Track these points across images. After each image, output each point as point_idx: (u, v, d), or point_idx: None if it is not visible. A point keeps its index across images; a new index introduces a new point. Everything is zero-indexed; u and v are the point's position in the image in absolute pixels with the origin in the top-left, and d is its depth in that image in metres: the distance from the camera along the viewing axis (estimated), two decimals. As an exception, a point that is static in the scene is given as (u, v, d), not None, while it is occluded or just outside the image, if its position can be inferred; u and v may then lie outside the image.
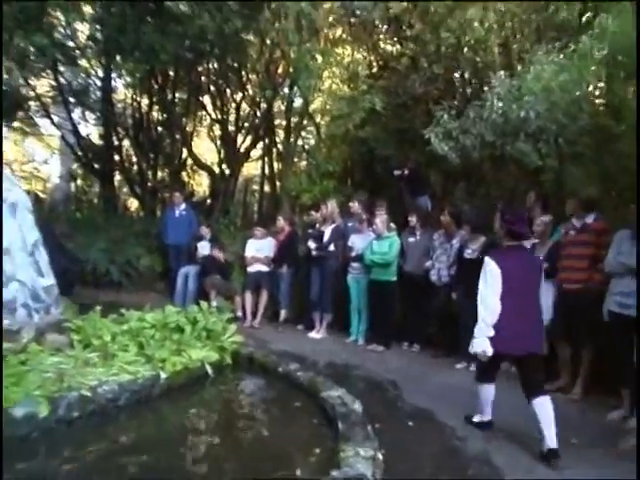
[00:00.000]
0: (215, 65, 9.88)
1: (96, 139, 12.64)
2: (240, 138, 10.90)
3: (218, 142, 11.45)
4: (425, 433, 3.26)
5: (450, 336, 5.13)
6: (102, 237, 7.88)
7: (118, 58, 9.43)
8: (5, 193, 4.97)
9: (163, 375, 3.66)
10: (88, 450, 2.77)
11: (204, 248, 7.23)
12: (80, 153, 11.73)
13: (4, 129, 18.01)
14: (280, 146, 10.31)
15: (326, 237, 6.12)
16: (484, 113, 5.38)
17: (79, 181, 12.83)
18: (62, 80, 11.38)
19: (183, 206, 7.80)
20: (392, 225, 5.77)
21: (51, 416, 2.91)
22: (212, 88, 10.63)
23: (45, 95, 11.74)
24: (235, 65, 9.70)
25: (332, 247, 6.08)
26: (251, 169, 13.95)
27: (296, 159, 10.97)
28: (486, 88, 6.09)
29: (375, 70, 9.13)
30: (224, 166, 11.00)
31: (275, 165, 10.59)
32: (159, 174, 11.26)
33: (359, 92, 7.90)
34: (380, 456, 2.61)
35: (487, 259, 3.13)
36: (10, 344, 3.55)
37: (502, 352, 3.09)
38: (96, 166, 12.00)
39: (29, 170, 20.46)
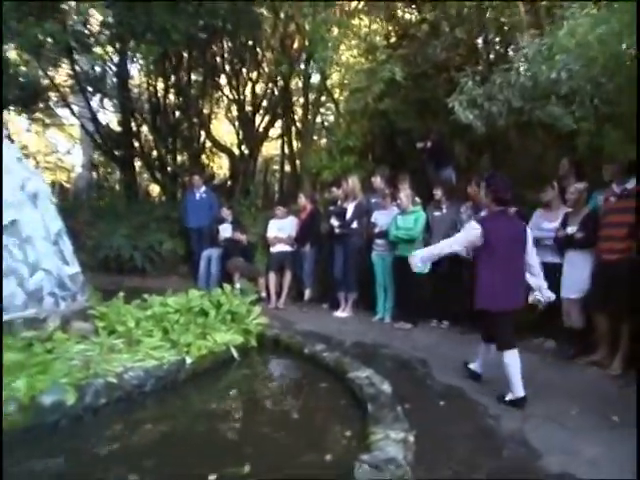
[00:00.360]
0: (229, 44, 9.71)
1: (115, 126, 12.68)
2: (258, 118, 10.80)
3: (236, 123, 11.33)
4: (457, 412, 3.17)
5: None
6: (124, 224, 7.96)
7: (131, 43, 9.40)
8: (26, 183, 5.02)
9: (188, 360, 3.64)
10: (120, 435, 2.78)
11: (226, 230, 7.20)
12: (100, 141, 11.81)
13: (26, 121, 18.37)
14: (299, 124, 10.15)
15: (349, 214, 6.00)
16: (511, 77, 5.10)
17: (100, 169, 12.85)
18: (78, 69, 11.40)
19: (203, 189, 7.77)
20: (417, 199, 5.60)
21: (78, 403, 2.92)
22: (227, 68, 10.47)
23: (63, 85, 11.81)
24: (250, 42, 9.52)
25: (355, 224, 5.96)
26: (271, 149, 13.87)
27: (316, 136, 10.82)
28: (512, 51, 5.78)
29: (394, 40, 8.81)
30: (243, 147, 10.94)
31: (295, 143, 10.45)
32: (179, 158, 11.26)
33: (377, 63, 7.64)
34: (411, 438, 2.53)
35: (472, 221, 3.55)
36: (36, 332, 3.59)
37: (484, 308, 3.38)
38: (116, 153, 12.09)
39: (53, 161, 20.97)
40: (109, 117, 13.45)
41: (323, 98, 10.23)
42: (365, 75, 7.77)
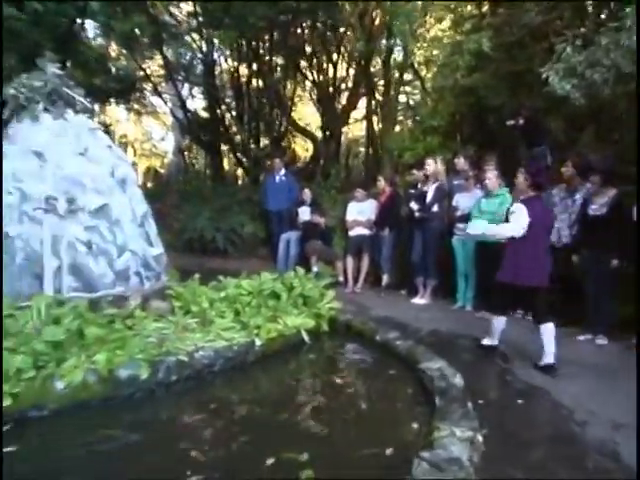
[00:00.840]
0: (309, 24, 9.66)
1: (203, 112, 13.26)
2: (340, 99, 10.70)
3: (319, 105, 11.32)
4: (536, 414, 2.92)
5: (571, 304, 4.54)
6: (208, 206, 8.26)
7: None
8: (115, 170, 5.38)
9: (258, 342, 3.71)
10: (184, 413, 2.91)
11: (305, 213, 7.23)
12: (188, 127, 12.42)
13: (125, 112, 19.86)
14: (381, 104, 9.89)
15: (429, 197, 5.74)
16: (621, 38, 4.50)
17: (187, 154, 13.55)
18: (169, 58, 12.02)
19: (283, 172, 7.86)
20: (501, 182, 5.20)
21: (151, 378, 3.09)
22: (308, 49, 10.44)
23: (155, 75, 12.56)
24: (329, 22, 9.39)
25: (436, 207, 5.70)
26: (357, 130, 13.75)
27: (399, 117, 10.51)
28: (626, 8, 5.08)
29: (485, 8, 8.20)
30: (325, 129, 10.90)
31: (377, 124, 10.22)
32: (262, 142, 11.51)
33: (464, 33, 7.17)
34: (479, 438, 2.37)
35: (519, 205, 3.79)
36: (119, 310, 3.84)
37: (511, 282, 3.80)
38: (203, 138, 12.65)
39: (148, 148, 22.53)
40: (197, 104, 14.18)
41: (407, 76, 9.88)
42: (452, 48, 7.34)
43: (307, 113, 13.98)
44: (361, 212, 6.72)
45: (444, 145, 7.35)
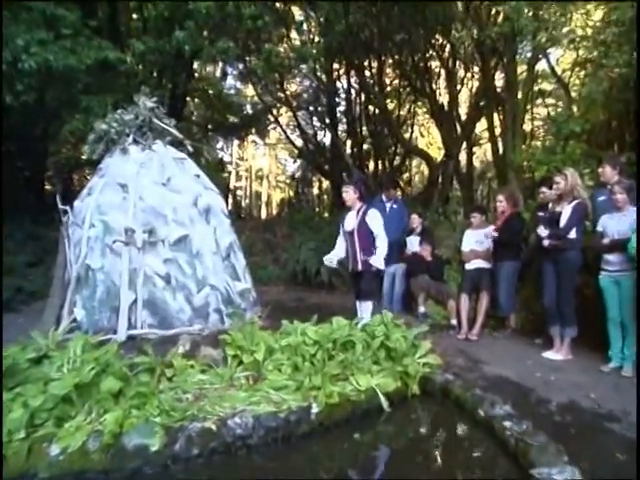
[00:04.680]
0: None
1: (324, 140, 13.13)
2: (460, 116, 9.57)
3: (437, 125, 10.32)
4: None
5: None
6: (314, 236, 7.73)
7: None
8: (198, 199, 5.10)
9: (315, 408, 2.90)
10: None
11: (413, 244, 6.26)
12: (310, 156, 12.31)
13: (261, 147, 20.92)
14: (507, 118, 8.53)
15: (563, 220, 4.38)
16: None
17: (300, 183, 13.52)
18: (290, 89, 12.12)
19: (393, 200, 6.99)
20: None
21: (165, 450, 2.46)
22: (421, 65, 9.56)
23: (277, 106, 12.74)
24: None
25: (573, 233, 4.31)
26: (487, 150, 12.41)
27: (536, 131, 9.03)
28: None
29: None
30: (446, 149, 9.82)
31: (502, 142, 8.84)
32: (380, 167, 10.83)
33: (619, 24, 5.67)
34: None
35: None
36: (164, 356, 3.33)
37: None
38: (326, 167, 12.40)
39: (282, 179, 23.36)
40: (321, 133, 14.12)
41: (544, 85, 8.45)
42: (605, 48, 5.87)
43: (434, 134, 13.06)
44: (479, 241, 5.55)
45: (589, 154, 5.78)
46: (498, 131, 8.77)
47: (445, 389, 3.40)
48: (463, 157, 10.45)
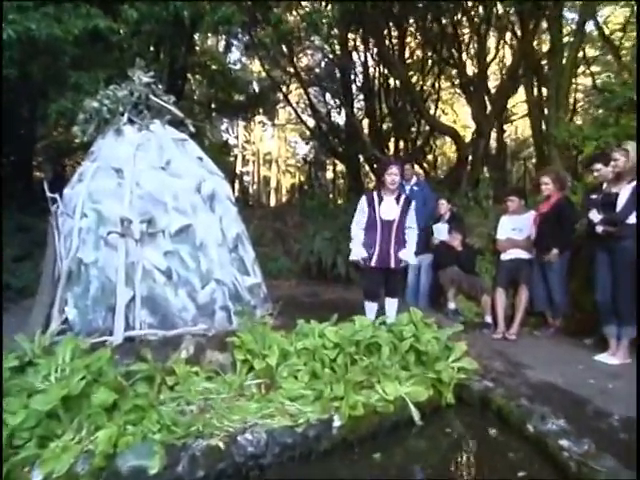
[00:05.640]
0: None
1: (338, 120, 12.90)
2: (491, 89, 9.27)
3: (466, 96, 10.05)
4: None
5: None
6: (329, 225, 7.56)
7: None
8: (201, 185, 4.92)
9: (337, 421, 2.73)
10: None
11: (441, 231, 6.06)
12: (322, 138, 12.08)
13: (269, 128, 20.72)
14: (548, 89, 8.22)
15: (621, 203, 4.13)
16: None
17: (313, 167, 13.35)
18: (301, 64, 11.87)
19: (414, 181, 6.76)
20: None
21: (166, 473, 2.30)
22: (449, 30, 9.26)
23: (287, 83, 12.50)
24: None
25: (632, 218, 4.06)
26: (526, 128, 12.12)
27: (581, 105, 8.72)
28: None
29: None
30: (477, 126, 9.52)
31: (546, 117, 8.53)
32: (401, 146, 10.59)
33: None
34: None
35: None
36: (163, 362, 3.17)
37: None
38: (340, 149, 12.17)
39: (293, 163, 23.14)
40: (335, 111, 13.85)
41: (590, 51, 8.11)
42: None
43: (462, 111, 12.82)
44: (517, 228, 5.37)
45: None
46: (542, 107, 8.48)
47: (484, 398, 3.22)
48: (493, 135, 10.16)
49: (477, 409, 3.19)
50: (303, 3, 10.00)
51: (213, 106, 12.14)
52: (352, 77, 11.65)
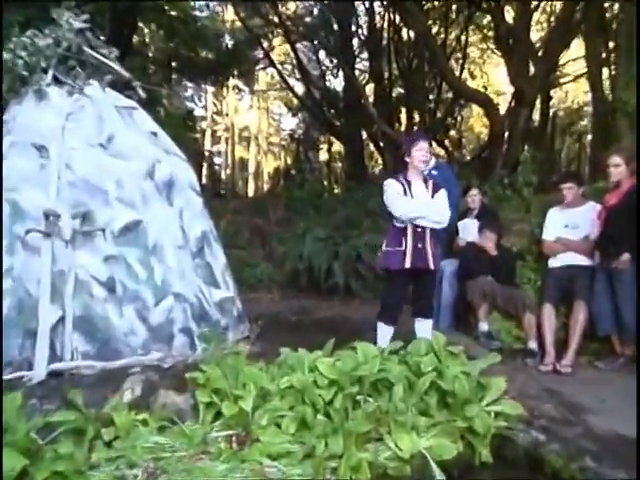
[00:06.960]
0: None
1: (334, 85, 13.03)
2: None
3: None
4: None
5: None
6: (323, 221, 7.62)
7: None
8: (155, 168, 4.85)
9: (334, 488, 2.66)
10: None
11: (468, 230, 6.09)
12: (314, 109, 12.16)
13: (247, 96, 20.81)
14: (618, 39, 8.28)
15: None
16: None
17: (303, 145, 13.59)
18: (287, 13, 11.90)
19: (433, 163, 6.68)
20: None
21: None
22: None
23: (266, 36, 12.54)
24: None
25: None
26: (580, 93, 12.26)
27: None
28: None
29: None
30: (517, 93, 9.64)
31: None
32: (416, 118, 10.67)
33: None
34: None
35: None
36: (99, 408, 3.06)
37: None
38: (337, 124, 12.26)
39: (277, 142, 23.30)
40: (331, 74, 13.98)
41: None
42: None
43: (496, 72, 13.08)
44: (572, 225, 5.45)
45: None
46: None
47: (533, 455, 3.19)
48: (537, 105, 10.26)
49: (524, 471, 3.16)
50: None
51: (173, 65, 12.09)
52: (353, 28, 11.69)
